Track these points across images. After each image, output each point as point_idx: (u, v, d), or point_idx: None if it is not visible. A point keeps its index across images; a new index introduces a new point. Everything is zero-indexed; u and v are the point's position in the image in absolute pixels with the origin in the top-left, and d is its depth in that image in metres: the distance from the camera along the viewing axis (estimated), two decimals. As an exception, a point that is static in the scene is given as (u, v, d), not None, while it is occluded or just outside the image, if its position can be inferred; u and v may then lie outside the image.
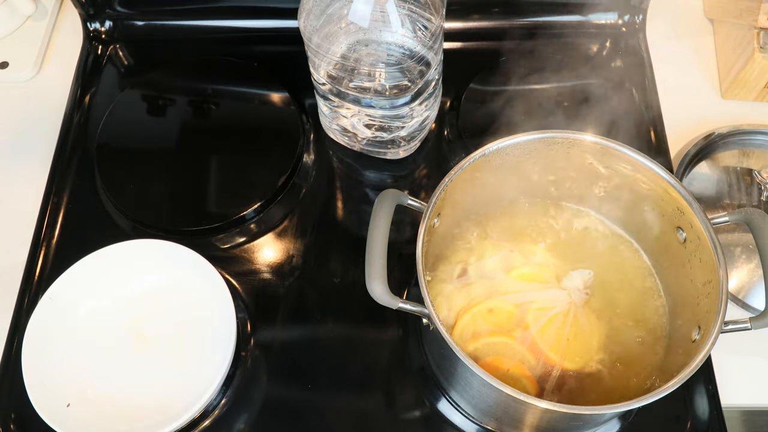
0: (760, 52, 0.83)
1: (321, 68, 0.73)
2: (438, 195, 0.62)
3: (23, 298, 0.75)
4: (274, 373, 0.71)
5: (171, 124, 0.86)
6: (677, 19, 0.97)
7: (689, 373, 0.55)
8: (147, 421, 0.66)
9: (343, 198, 0.82)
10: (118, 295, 0.73)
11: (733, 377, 0.72)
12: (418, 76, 0.73)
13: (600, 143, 0.66)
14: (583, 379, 0.65)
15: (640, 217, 0.70)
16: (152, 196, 0.81)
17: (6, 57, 0.92)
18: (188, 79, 0.90)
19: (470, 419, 0.69)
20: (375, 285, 0.57)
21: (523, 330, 0.66)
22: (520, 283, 0.68)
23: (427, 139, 0.84)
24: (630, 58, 0.91)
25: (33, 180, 0.83)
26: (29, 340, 0.67)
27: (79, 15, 0.92)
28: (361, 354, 0.73)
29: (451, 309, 0.67)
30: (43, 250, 0.78)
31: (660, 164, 0.64)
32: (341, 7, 0.69)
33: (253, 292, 0.76)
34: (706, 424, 0.69)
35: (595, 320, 0.67)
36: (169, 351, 0.72)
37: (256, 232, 0.79)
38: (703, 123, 0.86)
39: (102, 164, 0.82)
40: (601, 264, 0.70)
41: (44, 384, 0.66)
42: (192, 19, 0.93)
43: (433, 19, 0.69)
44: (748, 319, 0.58)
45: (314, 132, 0.86)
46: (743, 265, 0.77)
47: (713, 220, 0.62)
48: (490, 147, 0.65)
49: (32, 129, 0.88)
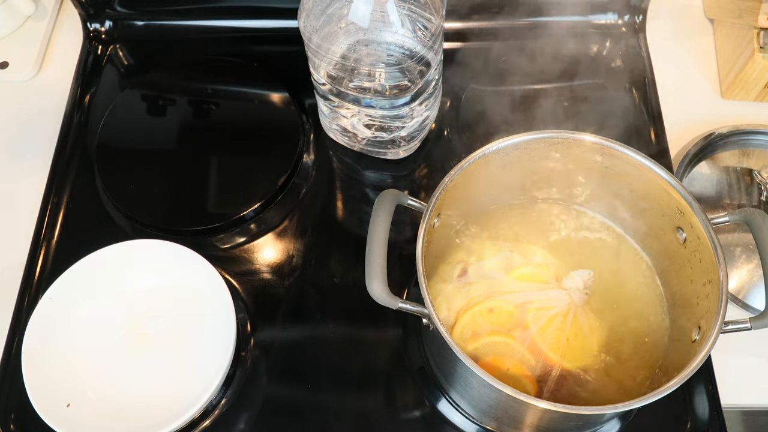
0: (760, 52, 0.84)
1: (321, 68, 0.73)
2: (438, 195, 0.62)
3: (23, 298, 0.75)
4: (274, 373, 0.71)
5: (171, 124, 0.86)
6: (677, 19, 0.97)
7: (689, 373, 0.55)
8: (147, 421, 0.66)
9: (343, 198, 0.83)
10: (118, 295, 0.73)
11: (733, 377, 0.72)
12: (418, 76, 0.73)
13: (600, 143, 0.66)
14: (583, 379, 0.65)
15: (640, 217, 0.70)
16: (152, 196, 0.81)
17: (6, 57, 0.92)
18: (188, 79, 0.90)
19: (470, 419, 0.69)
20: (375, 285, 0.57)
21: (523, 330, 0.65)
22: (520, 283, 0.68)
23: (427, 139, 0.84)
24: (630, 58, 0.91)
25: (33, 180, 0.83)
26: (29, 340, 0.67)
27: (79, 15, 0.92)
28: (361, 354, 0.73)
29: (451, 309, 0.67)
30: (43, 250, 0.78)
31: (660, 164, 0.64)
32: (341, 7, 0.69)
33: (253, 292, 0.76)
34: (706, 424, 0.69)
35: (595, 320, 0.67)
36: (169, 351, 0.72)
37: (256, 232, 0.79)
38: (703, 123, 0.86)
39: (102, 164, 0.82)
40: (601, 264, 0.70)
41: (44, 384, 0.66)
42: (192, 19, 0.93)
43: (433, 19, 0.69)
44: (748, 319, 0.58)
45: (314, 132, 0.86)
46: (743, 265, 0.77)
47: (713, 220, 0.62)
48: (490, 147, 0.65)
49: (32, 129, 0.88)
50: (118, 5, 0.92)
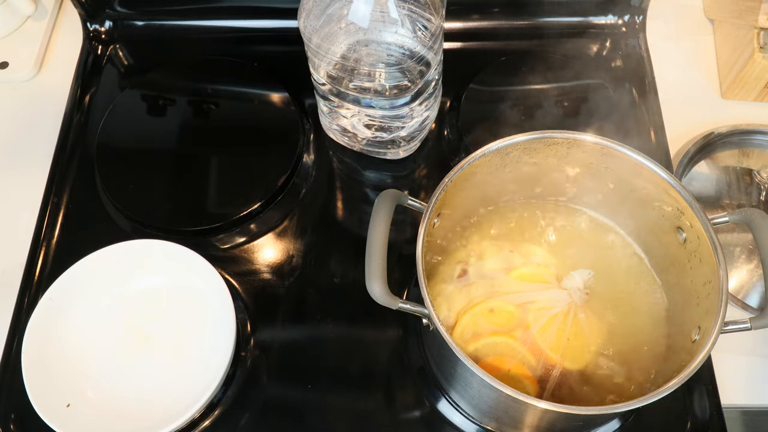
0: (760, 52, 0.83)
1: (321, 68, 0.73)
2: (438, 195, 0.62)
3: (23, 298, 0.75)
4: (274, 373, 0.71)
5: (171, 124, 0.86)
6: (677, 19, 0.97)
7: (689, 373, 0.55)
8: (147, 421, 0.66)
9: (343, 198, 0.82)
10: (118, 295, 0.73)
11: (733, 377, 0.72)
12: (418, 76, 0.73)
13: (600, 143, 0.66)
14: (584, 379, 0.65)
15: (639, 217, 0.70)
16: (152, 197, 0.81)
17: (6, 57, 0.92)
18: (188, 79, 0.90)
19: (470, 419, 0.69)
20: (375, 285, 0.57)
21: (524, 330, 0.65)
22: (520, 283, 0.68)
23: (427, 139, 0.84)
24: (630, 58, 0.91)
25: (33, 180, 0.83)
26: (29, 340, 0.68)
27: (79, 15, 0.92)
28: (361, 354, 0.73)
29: (451, 309, 0.67)
30: (43, 250, 0.78)
31: (660, 164, 0.64)
32: (341, 7, 0.69)
33: (253, 292, 0.76)
34: (706, 424, 0.69)
35: (596, 320, 0.67)
36: (168, 351, 0.71)
37: (256, 232, 0.79)
38: (703, 123, 0.86)
39: (102, 164, 0.82)
40: (601, 264, 0.70)
41: (44, 384, 0.66)
42: (192, 19, 0.93)
43: (433, 19, 0.69)
44: (748, 319, 0.58)
45: (314, 132, 0.85)
46: (743, 265, 0.77)
47: (713, 220, 0.62)
48: (490, 147, 0.65)
49: (32, 129, 0.88)
50: (118, 5, 0.92)
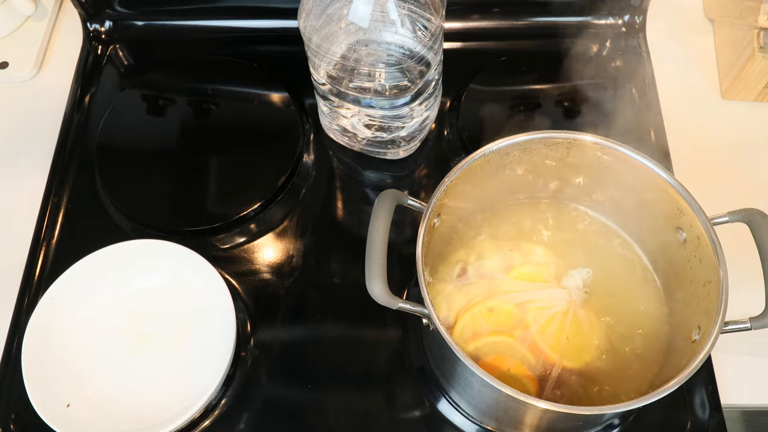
0: (760, 52, 0.83)
1: (321, 68, 0.73)
2: (438, 195, 0.62)
3: (23, 298, 0.75)
4: (274, 373, 0.71)
5: (171, 124, 0.86)
6: (677, 19, 0.97)
7: (689, 373, 0.55)
8: (147, 421, 0.66)
9: (343, 198, 0.82)
10: (118, 295, 0.73)
11: (733, 377, 0.72)
12: (418, 76, 0.73)
13: (600, 143, 0.66)
14: (583, 378, 0.65)
15: (639, 216, 0.70)
16: (152, 197, 0.81)
17: (6, 57, 0.92)
18: (188, 79, 0.90)
19: (470, 419, 0.69)
20: (375, 285, 0.57)
21: (523, 329, 0.66)
22: (519, 282, 0.68)
23: (427, 139, 0.84)
24: (630, 58, 0.91)
25: (33, 180, 0.83)
26: (29, 340, 0.67)
27: (79, 15, 0.92)
28: (361, 354, 0.73)
29: (451, 309, 0.67)
30: (43, 250, 0.78)
31: (660, 164, 0.64)
32: (341, 7, 0.69)
33: (253, 292, 0.76)
34: (706, 424, 0.69)
35: (595, 319, 0.67)
36: (168, 351, 0.71)
37: (256, 232, 0.79)
38: (703, 123, 0.86)
39: (102, 164, 0.82)
40: (600, 263, 0.70)
41: (44, 384, 0.66)
42: (192, 19, 0.93)
43: (433, 19, 0.69)
44: (748, 319, 0.59)
45: (314, 132, 0.86)
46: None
47: (713, 220, 0.62)
48: (490, 147, 0.65)
49: (32, 129, 0.88)
50: (118, 5, 0.92)
